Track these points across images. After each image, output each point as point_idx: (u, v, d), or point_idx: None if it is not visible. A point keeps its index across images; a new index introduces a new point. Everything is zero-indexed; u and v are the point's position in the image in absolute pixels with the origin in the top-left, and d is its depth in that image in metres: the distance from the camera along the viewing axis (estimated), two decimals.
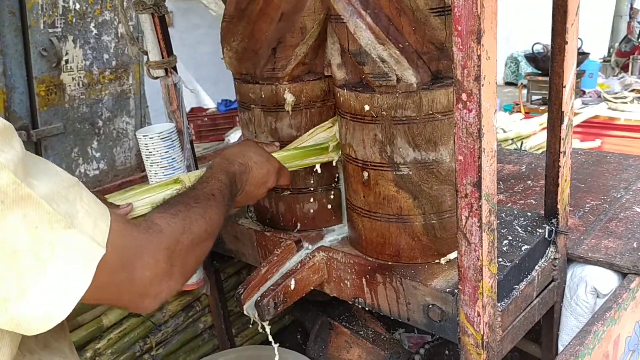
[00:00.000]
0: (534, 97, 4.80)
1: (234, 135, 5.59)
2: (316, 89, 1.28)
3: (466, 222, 0.94)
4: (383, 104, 1.08)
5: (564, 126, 1.13)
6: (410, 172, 1.11)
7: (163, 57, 1.38)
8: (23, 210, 0.59)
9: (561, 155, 1.15)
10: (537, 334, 1.40)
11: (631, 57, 6.46)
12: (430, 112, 1.07)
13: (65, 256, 0.62)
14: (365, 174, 1.15)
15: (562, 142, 1.14)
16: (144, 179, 2.01)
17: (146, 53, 1.37)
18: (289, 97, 1.26)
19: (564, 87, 1.10)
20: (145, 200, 1.10)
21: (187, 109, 6.91)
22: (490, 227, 0.94)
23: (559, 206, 1.20)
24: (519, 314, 1.14)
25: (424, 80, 1.07)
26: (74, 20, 3.16)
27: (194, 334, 1.71)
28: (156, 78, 1.41)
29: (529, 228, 1.24)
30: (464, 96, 0.86)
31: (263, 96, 1.28)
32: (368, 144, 1.13)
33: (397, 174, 1.11)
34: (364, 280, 1.19)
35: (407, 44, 1.06)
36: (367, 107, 1.10)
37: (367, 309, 1.22)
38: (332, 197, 1.34)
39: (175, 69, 1.42)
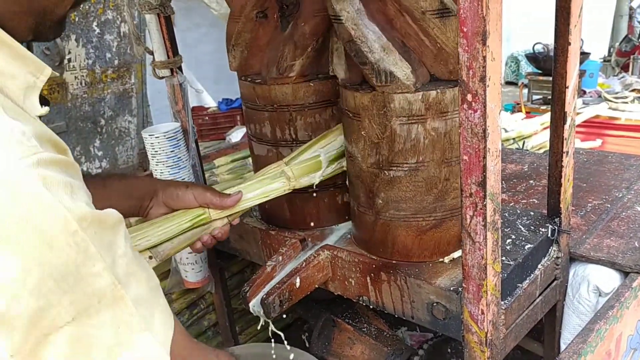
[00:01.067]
0: (535, 97, 4.81)
1: (235, 135, 5.59)
2: None
3: (471, 221, 0.95)
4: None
5: (566, 126, 1.14)
6: (347, 158, 1.22)
7: (169, 57, 1.39)
8: (113, 310, 0.62)
9: (564, 155, 1.16)
10: (540, 332, 1.41)
11: (632, 57, 6.47)
12: (345, 108, 1.15)
13: (136, 356, 0.65)
14: None
15: (565, 142, 1.15)
16: None
17: (152, 53, 1.38)
18: None
19: (567, 87, 1.11)
20: (255, 192, 1.20)
21: None
22: (495, 226, 0.95)
23: (561, 206, 1.21)
24: (522, 312, 1.15)
25: (353, 80, 1.15)
26: (76, 19, 3.17)
27: (199, 332, 1.72)
28: (162, 78, 1.42)
29: (532, 227, 1.25)
30: (469, 97, 0.87)
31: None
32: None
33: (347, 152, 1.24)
34: (368, 278, 1.20)
35: None
36: None
37: (371, 307, 1.23)
38: (337, 195, 1.36)
39: (180, 68, 1.44)
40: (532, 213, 1.31)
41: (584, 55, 4.73)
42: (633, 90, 4.67)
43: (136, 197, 1.13)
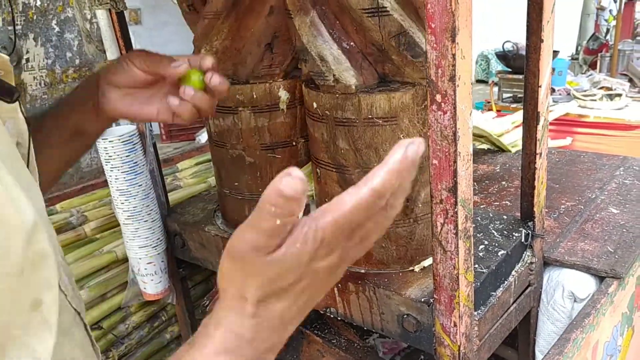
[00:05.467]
0: (505, 95, 4.82)
1: (205, 135, 5.50)
2: None
3: (441, 229, 0.90)
4: (326, 103, 1.05)
5: (539, 127, 1.09)
6: (352, 176, 1.06)
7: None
8: None
9: (537, 156, 1.12)
10: (514, 339, 1.37)
11: (599, 54, 6.55)
12: (370, 116, 1.01)
13: None
14: (318, 171, 1.13)
15: (538, 143, 1.11)
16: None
17: (104, 51, 1.29)
18: (284, 95, 1.20)
19: (540, 86, 1.06)
20: None
21: None
22: (467, 234, 0.90)
23: (535, 209, 1.17)
24: (496, 321, 1.10)
25: (368, 82, 1.02)
26: (34, 17, 3.05)
27: (160, 346, 1.63)
28: None
29: (505, 232, 1.20)
30: (438, 97, 0.82)
31: (255, 96, 1.19)
32: (317, 142, 1.10)
33: (341, 176, 1.08)
34: (336, 289, 1.14)
35: (352, 44, 1.02)
36: (314, 105, 1.07)
37: (339, 319, 1.17)
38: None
39: None
40: (505, 217, 1.26)
41: (554, 53, 4.75)
42: (601, 88, 4.71)
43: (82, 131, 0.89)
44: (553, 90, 4.81)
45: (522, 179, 1.18)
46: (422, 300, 1.01)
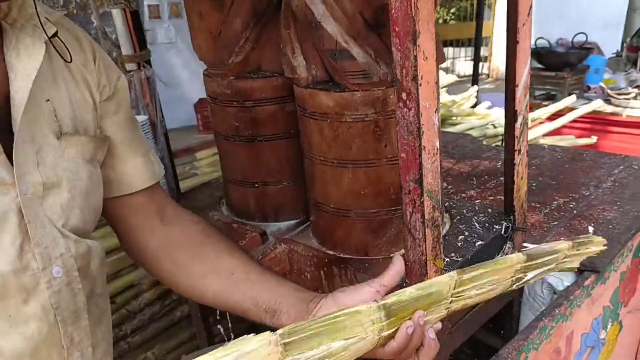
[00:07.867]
0: (537, 93, 4.77)
1: None
2: None
3: (410, 218, 0.96)
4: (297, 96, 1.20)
5: (517, 124, 1.14)
6: (304, 155, 1.22)
7: (135, 51, 1.41)
8: None
9: (516, 153, 1.17)
10: (501, 327, 1.42)
11: (639, 52, 6.37)
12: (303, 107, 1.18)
13: None
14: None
15: (516, 140, 1.16)
16: None
17: (119, 47, 1.40)
18: None
19: (517, 86, 1.11)
20: None
21: (195, 100, 6.89)
22: (434, 223, 0.96)
23: (515, 203, 1.21)
24: (471, 308, 1.16)
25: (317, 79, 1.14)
26: (75, 11, 3.20)
27: (171, 323, 1.75)
28: (129, 72, 1.44)
29: (487, 224, 1.25)
30: (403, 95, 0.88)
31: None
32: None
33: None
34: (322, 272, 1.21)
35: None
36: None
37: None
38: (298, 189, 1.37)
39: (149, 62, 1.46)
40: (489, 210, 1.31)
41: (588, 51, 4.68)
42: (637, 87, 4.61)
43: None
44: (588, 88, 4.74)
45: (504, 175, 1.23)
46: (397, 284, 1.07)
